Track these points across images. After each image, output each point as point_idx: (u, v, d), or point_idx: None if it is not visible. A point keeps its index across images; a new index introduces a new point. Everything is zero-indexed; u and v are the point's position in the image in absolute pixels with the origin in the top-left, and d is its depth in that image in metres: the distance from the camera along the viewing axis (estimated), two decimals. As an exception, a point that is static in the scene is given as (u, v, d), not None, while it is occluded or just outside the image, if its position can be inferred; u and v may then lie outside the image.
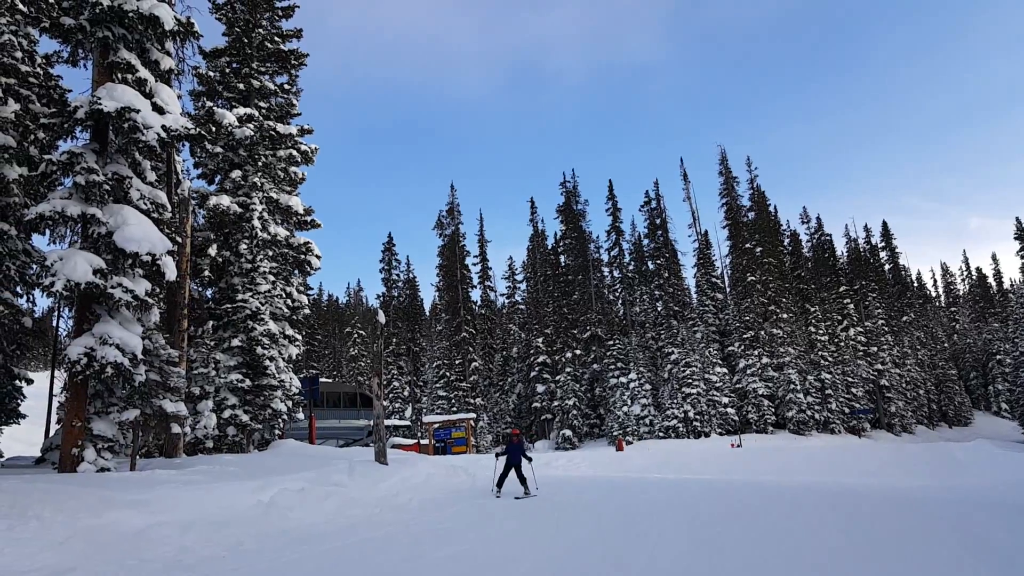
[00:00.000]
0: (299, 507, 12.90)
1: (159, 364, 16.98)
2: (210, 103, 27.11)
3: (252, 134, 26.84)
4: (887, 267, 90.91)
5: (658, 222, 68.10)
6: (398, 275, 76.59)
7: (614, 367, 57.15)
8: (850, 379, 64.88)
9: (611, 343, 58.98)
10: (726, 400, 56.47)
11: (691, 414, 54.18)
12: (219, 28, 29.00)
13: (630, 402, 54.40)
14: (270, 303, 26.50)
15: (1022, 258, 67.67)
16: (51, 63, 20.43)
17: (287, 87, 30.56)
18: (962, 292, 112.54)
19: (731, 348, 61.89)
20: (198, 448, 23.14)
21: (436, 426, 46.06)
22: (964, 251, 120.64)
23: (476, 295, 74.13)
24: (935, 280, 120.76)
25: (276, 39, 29.98)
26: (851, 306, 72.71)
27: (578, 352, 61.21)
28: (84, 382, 15.51)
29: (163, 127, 16.29)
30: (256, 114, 27.61)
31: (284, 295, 28.10)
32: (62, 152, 15.75)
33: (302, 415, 29.80)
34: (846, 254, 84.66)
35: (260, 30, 29.18)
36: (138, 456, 17.75)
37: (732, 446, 46.69)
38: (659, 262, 66.55)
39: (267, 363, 25.40)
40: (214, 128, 25.28)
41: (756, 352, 59.62)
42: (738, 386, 58.93)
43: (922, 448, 38.75)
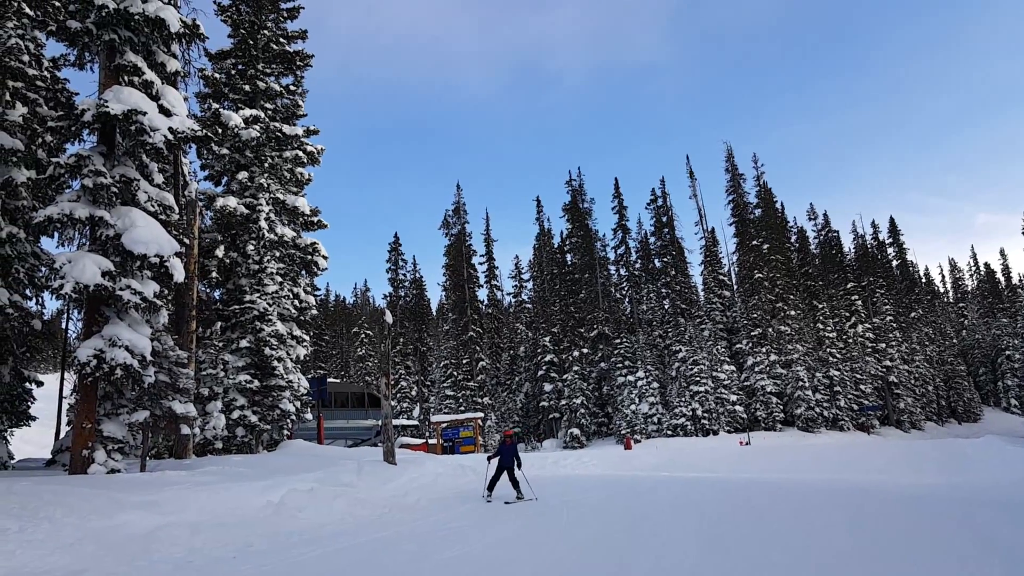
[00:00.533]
0: (308, 507, 12.92)
1: (168, 365, 17.04)
2: (216, 105, 27.20)
3: (258, 135, 26.91)
4: (895, 263, 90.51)
5: (664, 220, 67.94)
6: (405, 275, 76.67)
7: (621, 365, 57.09)
8: (859, 376, 64.64)
9: (618, 341, 58.91)
10: (734, 398, 56.34)
11: (699, 412, 54.08)
12: (225, 30, 29.00)
13: (638, 400, 54.34)
14: (278, 304, 26.57)
15: (1031, 253, 67.27)
16: (58, 66, 20.53)
17: (292, 88, 30.64)
18: (970, 288, 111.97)
19: (739, 346, 61.73)
20: (207, 449, 23.23)
21: (444, 426, 46.07)
22: (972, 247, 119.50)
23: (483, 294, 74.18)
24: (943, 276, 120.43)
25: (281, 40, 30.06)
26: (859, 302, 72.41)
27: (585, 351, 61.15)
28: (94, 384, 15.58)
29: (170, 129, 16.35)
30: (262, 115, 27.67)
31: (291, 296, 28.19)
32: (70, 155, 15.83)
33: (310, 415, 29.89)
34: (854, 250, 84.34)
35: (265, 31, 29.25)
36: (148, 457, 17.83)
37: (741, 444, 46.65)
38: (666, 260, 66.40)
39: (275, 364, 25.48)
40: (220, 130, 25.36)
41: (764, 349, 59.46)
42: (746, 384, 58.79)
43: (931, 445, 38.62)
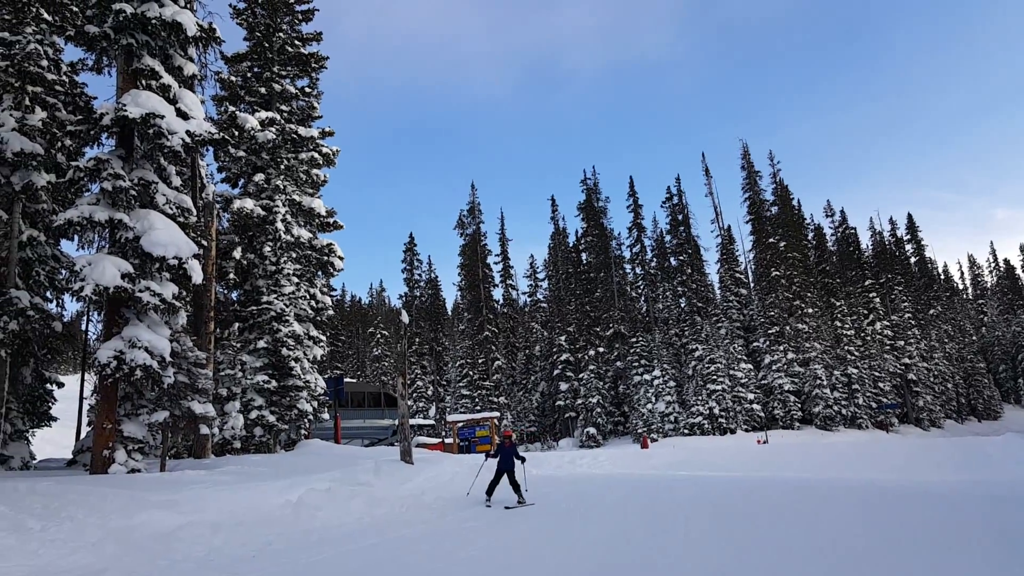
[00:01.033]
0: (326, 507, 12.99)
1: (187, 366, 17.18)
2: (232, 107, 27.37)
3: (274, 137, 27.07)
4: (913, 260, 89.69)
5: (680, 218, 67.71)
6: (420, 275, 76.88)
7: (638, 364, 56.95)
8: (877, 374, 64.13)
9: (634, 340, 58.76)
10: (751, 396, 56.05)
11: (716, 411, 53.84)
12: (240, 33, 29.23)
13: (654, 399, 54.20)
14: (294, 305, 26.72)
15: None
16: (76, 71, 20.73)
17: (308, 90, 30.79)
18: (990, 284, 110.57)
19: (756, 344, 61.42)
20: (226, 449, 23.41)
21: (460, 425, 46.13)
22: (991, 243, 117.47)
23: (498, 294, 74.29)
24: (962, 272, 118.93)
25: (296, 42, 30.22)
26: (877, 300, 71.84)
27: (601, 350, 61.06)
28: (114, 384, 15.74)
29: (187, 132, 16.49)
30: (278, 117, 27.84)
31: (308, 296, 28.34)
32: (89, 158, 16.00)
33: (327, 415, 30.03)
34: (871, 247, 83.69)
35: (280, 34, 29.42)
36: (168, 457, 17.98)
37: (758, 442, 46.39)
38: (682, 258, 66.17)
39: (292, 364, 25.63)
40: (237, 132, 25.55)
41: (781, 347, 59.10)
42: (763, 382, 58.49)
43: (951, 442, 38.20)
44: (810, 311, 61.46)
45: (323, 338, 28.82)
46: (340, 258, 30.45)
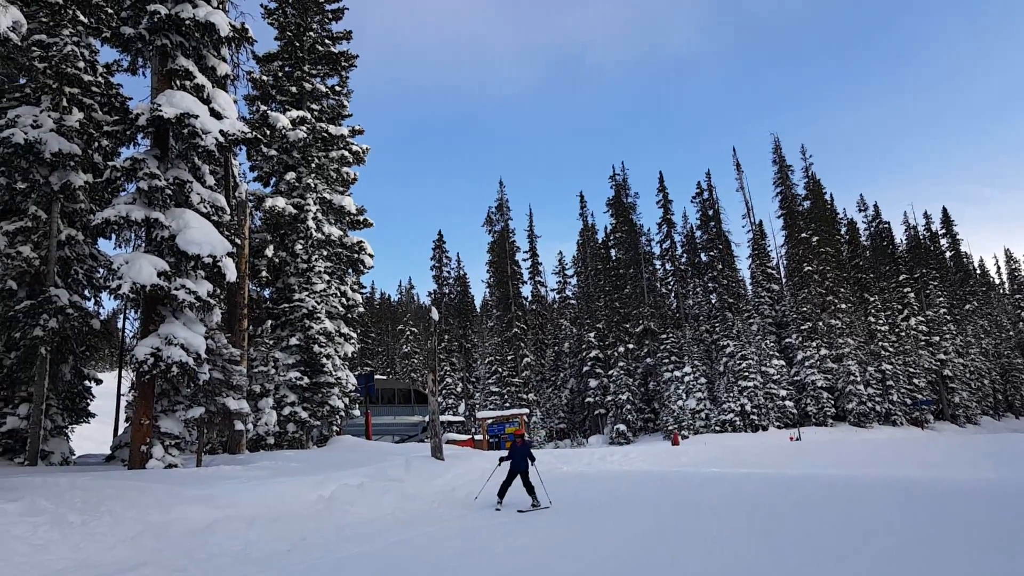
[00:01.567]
0: (359, 502, 13.08)
1: (222, 363, 17.39)
2: (264, 107, 27.64)
3: (305, 136, 27.29)
4: (948, 254, 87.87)
5: (711, 213, 67.08)
6: (449, 272, 77.13)
7: (668, 361, 56.60)
8: (912, 369, 63.08)
9: (664, 337, 58.41)
10: (784, 393, 55.47)
11: (748, 407, 53.37)
12: (271, 32, 29.51)
13: (685, 396, 53.85)
14: (325, 302, 26.93)
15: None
16: (111, 72, 21.10)
17: (338, 89, 30.98)
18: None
19: (788, 340, 60.75)
20: (260, 444, 23.68)
21: (490, 421, 46.21)
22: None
23: (527, 291, 74.31)
24: (998, 267, 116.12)
25: (326, 41, 30.42)
26: (911, 295, 70.62)
27: (631, 346, 60.78)
28: (151, 381, 15.98)
29: (221, 132, 16.67)
30: (308, 116, 28.05)
31: (339, 294, 28.54)
32: (125, 158, 16.24)
33: (358, 412, 30.26)
34: (905, 242, 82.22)
35: (311, 33, 29.63)
36: (203, 452, 18.23)
37: (791, 439, 45.89)
38: (712, 254, 65.55)
39: (324, 361, 25.84)
40: (269, 131, 25.79)
41: (814, 343, 58.39)
42: (796, 378, 57.84)
43: (988, 439, 37.47)
44: (843, 306, 60.64)
45: (354, 335, 29.01)
46: (370, 255, 30.62)
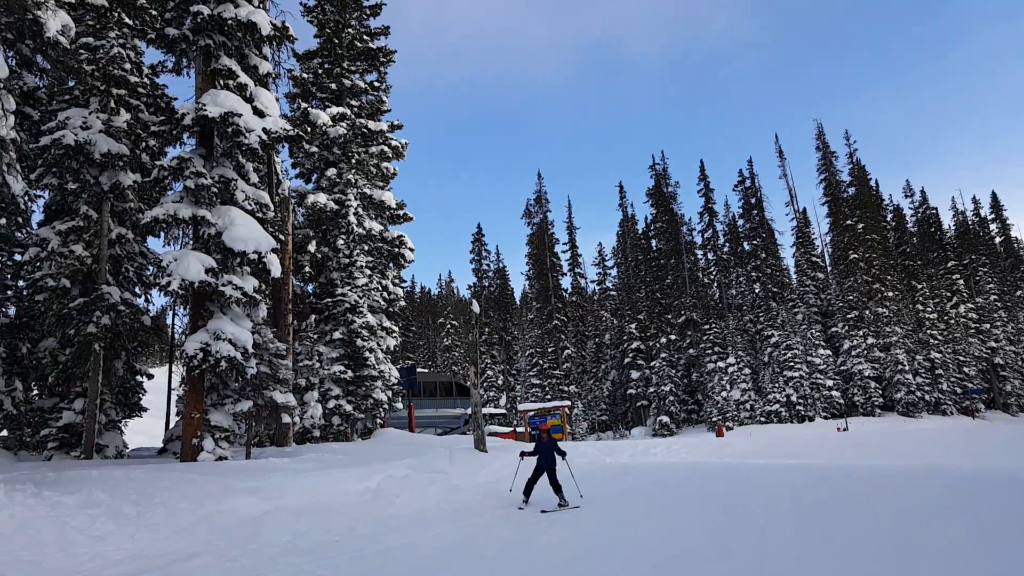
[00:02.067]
0: (404, 493, 13.20)
1: (268, 357, 17.68)
2: (305, 104, 27.98)
3: (345, 132, 27.54)
4: (998, 240, 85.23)
5: (753, 201, 66.03)
6: (488, 265, 77.22)
7: (711, 352, 55.98)
8: (962, 358, 61.47)
9: (707, 327, 57.77)
10: (830, 383, 54.53)
11: (793, 398, 52.58)
12: (310, 30, 29.82)
13: (729, 387, 53.24)
14: (367, 296, 27.20)
15: None
16: (156, 73, 21.53)
17: (376, 84, 31.20)
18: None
19: (834, 329, 59.67)
20: (306, 437, 24.04)
21: (531, 414, 46.23)
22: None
23: (566, 282, 74.05)
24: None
25: (365, 37, 30.65)
26: (961, 282, 68.74)
27: (673, 337, 60.25)
28: (201, 376, 16.31)
29: (264, 130, 16.90)
30: (348, 112, 28.31)
31: (380, 288, 28.81)
32: (172, 158, 16.56)
33: (401, 405, 30.54)
34: (953, 228, 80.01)
35: (349, 30, 29.87)
36: (251, 445, 18.57)
37: (838, 430, 45.10)
38: (755, 242, 64.52)
39: (367, 354, 26.12)
40: (309, 128, 26.08)
41: (861, 332, 57.26)
42: (842, 368, 56.81)
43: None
44: (890, 294, 59.35)
45: (395, 329, 29.27)
46: (410, 249, 30.84)
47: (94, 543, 8.86)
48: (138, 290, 20.76)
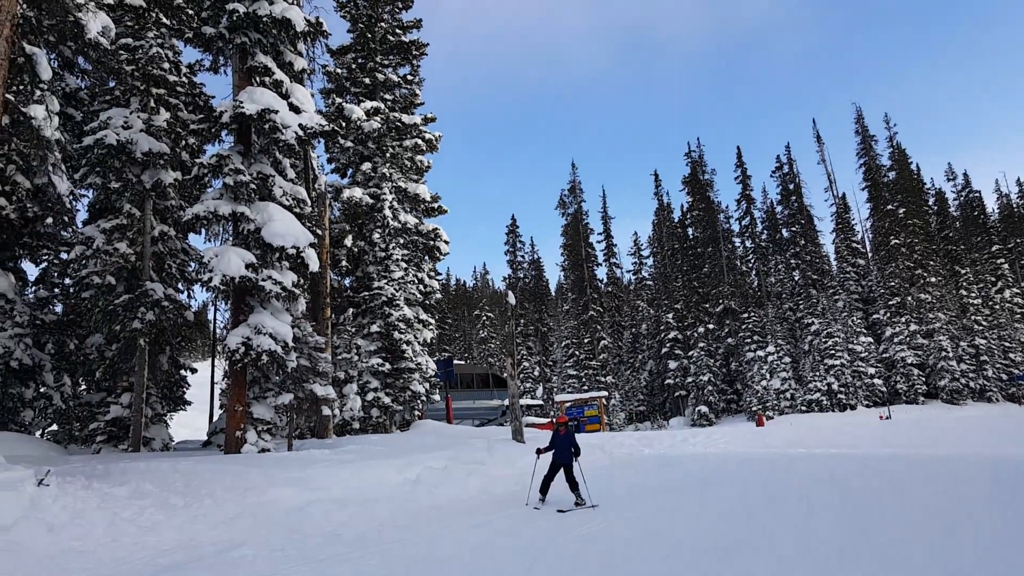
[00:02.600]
0: (444, 484, 13.28)
1: (308, 351, 17.89)
2: (339, 99, 28.18)
3: (379, 126, 27.69)
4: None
5: (791, 187, 64.95)
6: (523, 256, 77.23)
7: (750, 340, 55.35)
8: (1007, 344, 59.86)
9: (746, 316, 57.11)
10: (872, 371, 53.61)
11: (835, 386, 51.80)
12: (343, 25, 29.99)
13: (769, 376, 52.62)
14: (404, 289, 27.38)
15: None
16: (194, 72, 21.85)
17: (409, 78, 31.30)
18: None
19: (876, 316, 58.59)
20: (346, 429, 24.33)
21: (568, 405, 46.26)
22: None
23: (602, 273, 73.71)
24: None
25: (397, 31, 30.74)
26: (1005, 266, 66.94)
27: (711, 326, 59.69)
28: (243, 369, 16.57)
29: (300, 126, 17.06)
30: (382, 107, 28.45)
31: (416, 281, 28.97)
32: (211, 155, 16.80)
33: (438, 396, 30.72)
34: (998, 211, 77.85)
35: (382, 24, 29.99)
36: (293, 437, 18.84)
37: (880, 418, 44.34)
38: (794, 229, 63.53)
39: (404, 347, 26.31)
40: (344, 123, 26.28)
41: (903, 319, 56.14)
42: (885, 355, 55.78)
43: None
44: (933, 280, 58.09)
45: (432, 321, 29.42)
46: (445, 242, 30.93)
47: (143, 533, 9.07)
48: (180, 286, 21.15)
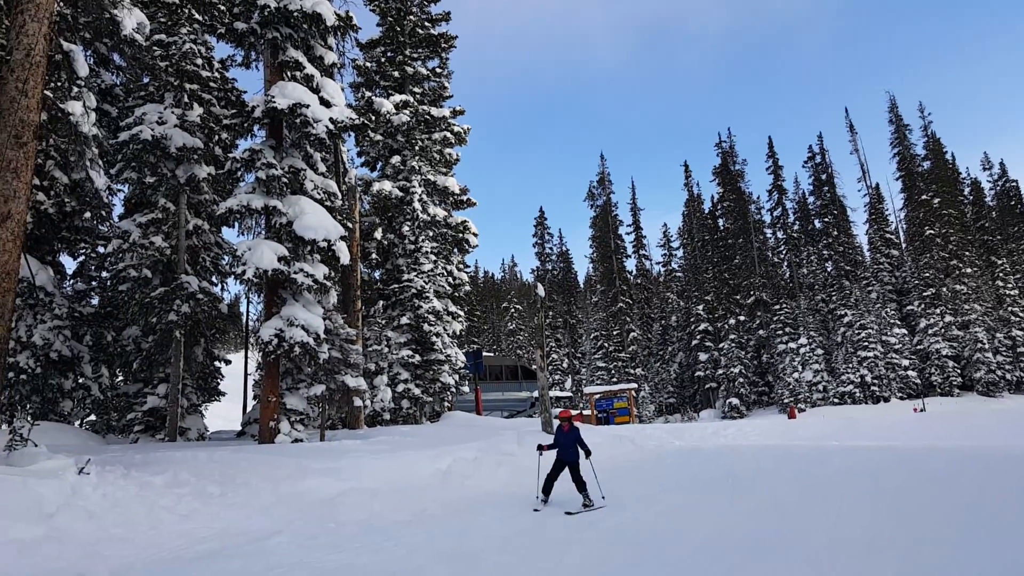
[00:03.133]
0: (474, 475, 13.36)
1: (339, 343, 18.08)
2: (368, 93, 28.34)
3: (408, 120, 27.80)
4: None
5: (823, 177, 64.05)
6: (551, 248, 77.17)
7: (782, 332, 54.79)
8: (1046, 336, 58.67)
9: (777, 308, 56.52)
10: (906, 362, 52.81)
11: (868, 378, 51.09)
12: (373, 19, 30.16)
13: (801, 368, 52.05)
14: (433, 282, 27.52)
15: None
16: (226, 67, 22.11)
17: (438, 71, 31.37)
18: None
19: (910, 307, 57.63)
20: (376, 420, 24.56)
21: (597, 397, 46.15)
22: None
23: (631, 264, 73.41)
24: None
25: (426, 24, 30.81)
26: (1045, 256, 65.51)
27: (742, 318, 59.15)
28: (276, 361, 16.80)
29: (330, 120, 17.20)
30: (411, 100, 28.55)
31: (445, 273, 29.11)
32: (244, 150, 17.02)
33: (468, 388, 30.87)
34: (1035, 200, 76.19)
35: (411, 17, 30.06)
36: (325, 428, 19.06)
37: (915, 411, 43.71)
38: (826, 220, 62.68)
39: (434, 339, 26.46)
40: (374, 117, 26.43)
41: (938, 310, 55.20)
42: (919, 347, 54.90)
43: None
44: (969, 271, 57.04)
45: (461, 313, 29.55)
46: (474, 235, 31.02)
47: (181, 521, 9.25)
48: (215, 279, 21.46)
